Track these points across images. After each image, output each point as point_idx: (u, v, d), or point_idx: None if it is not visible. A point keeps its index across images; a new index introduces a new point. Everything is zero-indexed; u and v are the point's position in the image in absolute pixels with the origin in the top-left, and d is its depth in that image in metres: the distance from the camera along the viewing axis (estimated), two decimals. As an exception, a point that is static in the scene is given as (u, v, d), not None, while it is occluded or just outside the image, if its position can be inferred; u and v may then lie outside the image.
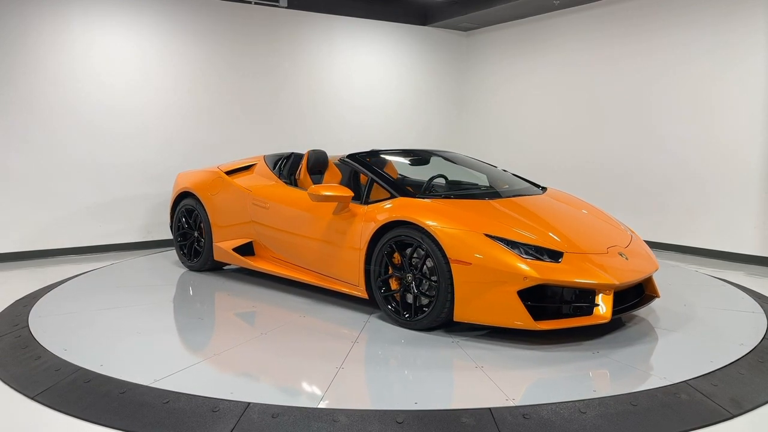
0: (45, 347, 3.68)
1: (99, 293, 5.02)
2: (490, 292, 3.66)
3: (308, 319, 4.33)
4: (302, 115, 8.32)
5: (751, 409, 2.97)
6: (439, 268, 3.80)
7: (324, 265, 4.64)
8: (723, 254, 6.60)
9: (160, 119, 7.25)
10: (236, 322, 4.45)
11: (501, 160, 8.85)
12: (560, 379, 3.26)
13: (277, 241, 5.05)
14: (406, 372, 3.43)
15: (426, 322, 3.94)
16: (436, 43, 9.42)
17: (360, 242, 4.28)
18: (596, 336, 3.91)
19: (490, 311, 3.70)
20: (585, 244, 3.99)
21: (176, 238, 5.96)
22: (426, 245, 3.86)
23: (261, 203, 5.15)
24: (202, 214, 5.62)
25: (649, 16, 7.17)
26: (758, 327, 4.11)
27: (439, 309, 3.85)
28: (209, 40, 7.51)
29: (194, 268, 5.80)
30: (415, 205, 4.14)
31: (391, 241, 4.08)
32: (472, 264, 3.68)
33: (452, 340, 3.85)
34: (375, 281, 4.20)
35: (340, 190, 4.40)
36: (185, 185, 5.86)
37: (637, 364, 3.51)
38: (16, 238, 6.48)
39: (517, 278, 3.58)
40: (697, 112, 6.78)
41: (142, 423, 2.79)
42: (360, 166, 4.82)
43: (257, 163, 5.61)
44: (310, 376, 3.32)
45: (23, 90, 6.42)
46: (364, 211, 4.36)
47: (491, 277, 3.64)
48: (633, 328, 4.08)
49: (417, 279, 3.98)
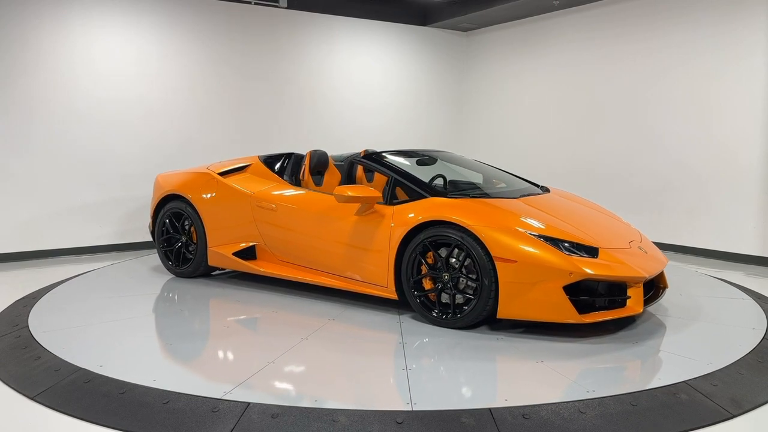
0: (45, 347, 3.68)
1: (99, 293, 5.02)
2: (535, 288, 3.73)
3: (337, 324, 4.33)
4: (302, 115, 8.32)
5: (751, 409, 2.97)
6: (482, 266, 3.82)
7: (346, 267, 4.53)
8: (723, 254, 6.60)
9: (161, 119, 7.25)
10: (236, 321, 4.45)
11: (500, 159, 8.86)
12: (560, 379, 3.26)
13: (288, 244, 4.88)
14: (474, 371, 3.43)
15: (468, 320, 3.97)
16: (436, 43, 9.42)
17: (389, 243, 4.22)
18: (595, 336, 3.91)
19: (535, 307, 3.77)
20: (610, 239, 4.12)
21: (160, 243, 5.58)
22: (467, 244, 3.88)
23: (267, 205, 4.96)
24: (194, 217, 5.31)
25: (649, 16, 7.18)
26: (758, 327, 4.11)
27: (481, 307, 3.88)
28: (209, 40, 7.51)
29: (183, 275, 5.48)
30: (451, 205, 4.13)
31: (426, 241, 4.05)
32: (518, 262, 3.74)
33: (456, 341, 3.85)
34: (407, 282, 4.16)
35: (367, 191, 4.31)
36: (171, 187, 5.50)
37: (636, 364, 3.52)
38: (16, 238, 6.48)
39: (563, 274, 3.67)
40: (697, 112, 6.78)
41: (142, 423, 2.79)
42: (382, 167, 4.74)
43: (252, 163, 5.40)
44: (382, 378, 3.32)
45: (23, 90, 6.42)
46: (391, 211, 4.30)
47: (537, 273, 3.71)
48: (632, 329, 4.08)
49: (454, 278, 3.99)
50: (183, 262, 5.48)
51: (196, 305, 4.75)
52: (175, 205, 5.46)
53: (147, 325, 4.24)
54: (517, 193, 4.71)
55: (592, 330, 3.99)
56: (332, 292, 4.87)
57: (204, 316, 4.52)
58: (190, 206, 5.36)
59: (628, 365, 3.49)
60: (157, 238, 5.63)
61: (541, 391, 3.11)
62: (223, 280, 5.47)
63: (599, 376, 3.33)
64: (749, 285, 5.39)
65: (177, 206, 5.44)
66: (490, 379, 3.33)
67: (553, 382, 3.20)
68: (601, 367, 3.46)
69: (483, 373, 3.40)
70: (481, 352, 3.68)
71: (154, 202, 5.69)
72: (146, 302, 4.79)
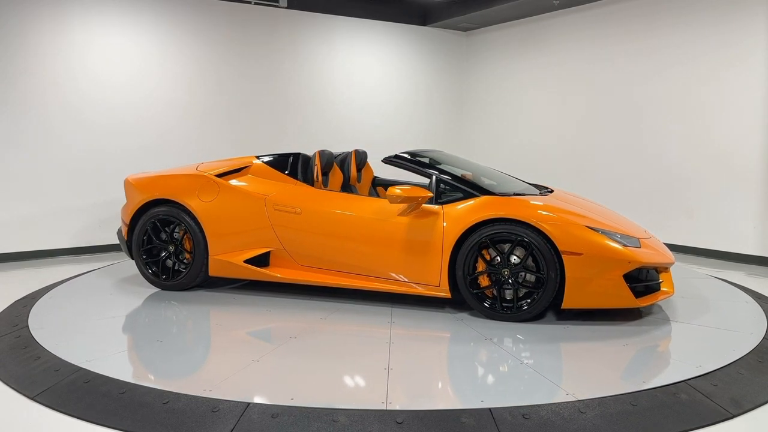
0: (45, 347, 3.68)
1: (99, 293, 5.02)
2: (599, 278, 3.99)
3: (330, 324, 4.33)
4: (301, 115, 8.32)
5: (751, 409, 2.97)
6: (548, 259, 4.02)
7: (388, 268, 4.47)
8: (723, 254, 6.60)
9: (161, 119, 7.25)
10: (236, 321, 4.45)
11: (500, 159, 8.86)
12: (560, 378, 3.26)
13: (317, 249, 4.67)
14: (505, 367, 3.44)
15: (533, 312, 4.13)
16: (436, 43, 9.42)
17: (442, 242, 4.25)
18: (595, 336, 3.92)
19: (599, 295, 4.05)
20: (636, 231, 4.43)
21: (140, 255, 5.06)
22: (532, 239, 4.04)
23: (289, 209, 4.71)
24: (191, 224, 4.88)
25: (649, 16, 7.18)
26: (758, 327, 4.11)
27: (546, 299, 4.08)
28: (209, 40, 7.51)
29: (175, 288, 5.02)
30: (507, 203, 4.27)
31: (485, 238, 4.14)
32: (583, 254, 3.97)
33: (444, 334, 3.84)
34: (464, 280, 4.23)
35: (419, 191, 4.32)
36: (158, 192, 4.99)
37: (636, 364, 3.52)
38: (16, 238, 6.48)
39: (623, 264, 3.98)
40: (697, 112, 6.78)
41: (142, 423, 2.79)
42: (424, 168, 4.70)
43: (251, 164, 5.07)
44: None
45: (23, 90, 6.42)
46: (441, 210, 4.33)
47: (601, 264, 3.98)
48: (632, 329, 4.08)
49: (513, 273, 4.14)
50: (174, 274, 5.03)
51: (195, 306, 4.74)
52: (163, 210, 4.96)
53: (147, 325, 4.24)
54: (545, 191, 4.98)
55: (589, 331, 3.99)
56: (326, 292, 4.87)
57: (203, 316, 4.52)
58: (184, 212, 4.92)
59: (628, 365, 3.49)
60: (136, 249, 5.07)
61: (541, 391, 3.11)
62: (220, 282, 5.43)
63: (599, 376, 3.33)
64: (749, 285, 5.39)
65: (165, 212, 4.95)
66: (490, 379, 3.33)
67: (553, 382, 3.20)
68: (601, 367, 3.46)
69: (483, 372, 3.41)
70: (480, 351, 3.68)
71: (131, 208, 5.09)
72: (146, 302, 4.78)
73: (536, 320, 4.20)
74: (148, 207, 5.02)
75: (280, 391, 3.09)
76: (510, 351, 3.68)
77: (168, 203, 4.98)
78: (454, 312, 4.44)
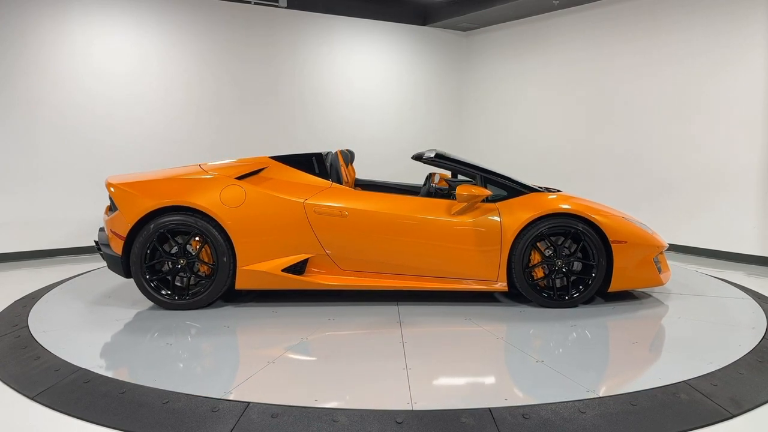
0: (45, 347, 3.67)
1: (98, 293, 5.02)
2: (639, 261, 4.55)
3: (336, 324, 4.33)
4: (302, 115, 8.32)
5: (751, 409, 2.97)
6: (598, 248, 4.47)
7: (444, 267, 4.52)
8: (723, 254, 6.61)
9: (161, 119, 7.26)
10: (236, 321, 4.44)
11: (500, 159, 8.86)
12: (560, 378, 3.26)
13: (367, 251, 4.51)
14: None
15: (587, 296, 4.55)
16: (436, 43, 9.42)
17: (500, 238, 4.48)
18: (595, 336, 3.92)
19: (637, 278, 4.61)
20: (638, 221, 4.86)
21: (143, 273, 4.42)
22: (586, 230, 4.47)
23: (333, 211, 4.48)
24: (212, 233, 4.38)
25: (649, 16, 7.18)
26: (758, 327, 4.11)
27: (597, 284, 4.52)
28: (209, 40, 7.52)
29: (191, 307, 4.49)
30: (564, 200, 4.60)
31: (545, 230, 4.46)
32: (628, 242, 4.49)
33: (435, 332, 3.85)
34: (522, 272, 4.50)
35: (481, 190, 4.55)
36: (169, 198, 4.39)
37: (636, 364, 3.52)
38: (16, 238, 6.48)
39: (656, 248, 4.61)
40: (697, 112, 6.78)
41: (142, 423, 2.79)
42: (468, 168, 4.78)
43: (268, 165, 4.68)
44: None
45: (23, 90, 6.42)
46: (496, 208, 4.56)
47: (641, 250, 4.55)
48: (632, 328, 4.08)
49: (566, 263, 4.54)
50: (185, 291, 4.51)
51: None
52: (176, 219, 4.38)
53: (147, 324, 4.24)
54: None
55: (594, 329, 3.99)
56: (330, 293, 4.87)
57: (203, 315, 4.51)
58: (206, 219, 4.39)
59: (627, 365, 3.49)
60: (140, 266, 4.40)
61: (540, 390, 3.11)
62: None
63: (599, 375, 3.33)
64: (749, 285, 5.39)
65: (179, 221, 4.38)
66: (490, 379, 3.33)
67: (553, 382, 3.20)
68: (601, 367, 3.46)
69: (483, 372, 3.41)
70: (480, 351, 3.68)
71: (131, 217, 4.36)
72: (146, 302, 4.78)
73: (561, 310, 4.51)
74: (151, 216, 4.40)
75: (296, 392, 3.08)
76: (516, 350, 3.68)
77: (180, 210, 4.41)
78: (452, 307, 4.45)
